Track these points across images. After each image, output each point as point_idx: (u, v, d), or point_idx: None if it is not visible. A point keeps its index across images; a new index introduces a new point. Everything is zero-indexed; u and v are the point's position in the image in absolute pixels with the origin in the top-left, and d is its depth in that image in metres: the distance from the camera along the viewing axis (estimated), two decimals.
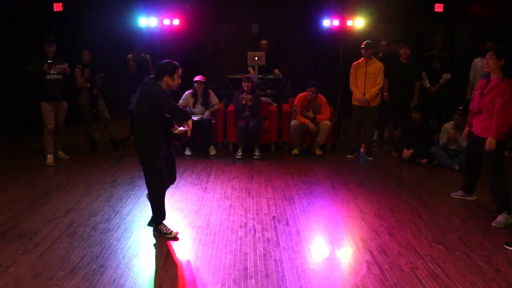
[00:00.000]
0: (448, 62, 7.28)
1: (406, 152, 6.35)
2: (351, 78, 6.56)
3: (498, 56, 4.14)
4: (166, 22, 7.77)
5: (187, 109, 6.82)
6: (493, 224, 4.22)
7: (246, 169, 6.06)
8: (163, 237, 3.89)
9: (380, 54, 7.78)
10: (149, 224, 4.12)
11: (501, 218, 4.21)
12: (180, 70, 3.84)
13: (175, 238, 3.89)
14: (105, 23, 8.27)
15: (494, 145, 4.17)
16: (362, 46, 6.43)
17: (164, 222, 3.97)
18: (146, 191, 4.06)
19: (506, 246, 3.73)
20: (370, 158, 6.58)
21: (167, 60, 3.84)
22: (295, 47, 10.00)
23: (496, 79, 4.21)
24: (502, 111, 4.10)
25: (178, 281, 3.21)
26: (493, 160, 4.27)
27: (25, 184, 5.34)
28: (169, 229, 3.94)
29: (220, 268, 3.39)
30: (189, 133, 4.00)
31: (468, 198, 4.88)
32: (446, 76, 7.16)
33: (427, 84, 7.18)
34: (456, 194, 4.98)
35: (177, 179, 5.29)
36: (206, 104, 6.82)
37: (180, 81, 3.86)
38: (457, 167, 5.92)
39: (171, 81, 3.78)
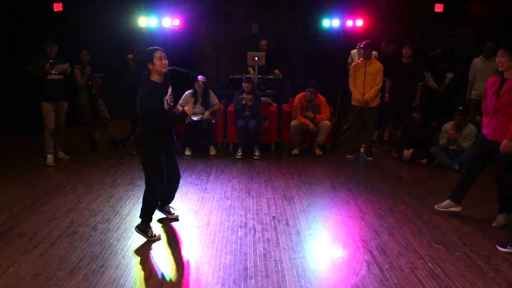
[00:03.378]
0: (452, 62, 7.29)
1: (407, 152, 6.35)
2: (350, 79, 6.55)
3: (511, 54, 3.89)
4: (166, 22, 7.77)
5: None
6: (493, 224, 4.22)
7: (246, 169, 6.06)
8: (144, 238, 3.85)
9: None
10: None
11: (500, 218, 4.21)
12: (157, 52, 3.64)
13: (155, 241, 3.83)
14: (105, 23, 8.27)
15: (510, 149, 3.88)
16: (361, 46, 6.43)
17: (150, 224, 3.93)
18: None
19: (499, 248, 3.69)
20: (370, 158, 6.57)
21: (144, 49, 3.71)
22: (295, 47, 9.98)
23: None
24: None
25: (178, 281, 3.21)
26: (510, 161, 3.99)
27: (25, 184, 5.34)
28: (153, 232, 3.88)
29: (220, 268, 3.39)
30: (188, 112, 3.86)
31: (453, 209, 4.43)
32: (449, 75, 7.16)
33: (434, 84, 7.16)
34: (441, 206, 4.50)
35: None
36: (206, 104, 6.82)
37: (165, 62, 3.67)
38: (457, 167, 5.91)
39: (154, 67, 3.65)
